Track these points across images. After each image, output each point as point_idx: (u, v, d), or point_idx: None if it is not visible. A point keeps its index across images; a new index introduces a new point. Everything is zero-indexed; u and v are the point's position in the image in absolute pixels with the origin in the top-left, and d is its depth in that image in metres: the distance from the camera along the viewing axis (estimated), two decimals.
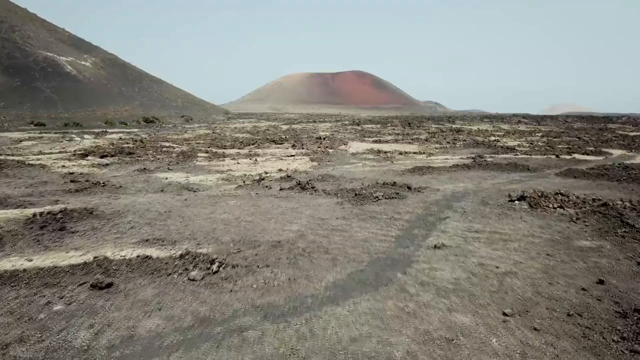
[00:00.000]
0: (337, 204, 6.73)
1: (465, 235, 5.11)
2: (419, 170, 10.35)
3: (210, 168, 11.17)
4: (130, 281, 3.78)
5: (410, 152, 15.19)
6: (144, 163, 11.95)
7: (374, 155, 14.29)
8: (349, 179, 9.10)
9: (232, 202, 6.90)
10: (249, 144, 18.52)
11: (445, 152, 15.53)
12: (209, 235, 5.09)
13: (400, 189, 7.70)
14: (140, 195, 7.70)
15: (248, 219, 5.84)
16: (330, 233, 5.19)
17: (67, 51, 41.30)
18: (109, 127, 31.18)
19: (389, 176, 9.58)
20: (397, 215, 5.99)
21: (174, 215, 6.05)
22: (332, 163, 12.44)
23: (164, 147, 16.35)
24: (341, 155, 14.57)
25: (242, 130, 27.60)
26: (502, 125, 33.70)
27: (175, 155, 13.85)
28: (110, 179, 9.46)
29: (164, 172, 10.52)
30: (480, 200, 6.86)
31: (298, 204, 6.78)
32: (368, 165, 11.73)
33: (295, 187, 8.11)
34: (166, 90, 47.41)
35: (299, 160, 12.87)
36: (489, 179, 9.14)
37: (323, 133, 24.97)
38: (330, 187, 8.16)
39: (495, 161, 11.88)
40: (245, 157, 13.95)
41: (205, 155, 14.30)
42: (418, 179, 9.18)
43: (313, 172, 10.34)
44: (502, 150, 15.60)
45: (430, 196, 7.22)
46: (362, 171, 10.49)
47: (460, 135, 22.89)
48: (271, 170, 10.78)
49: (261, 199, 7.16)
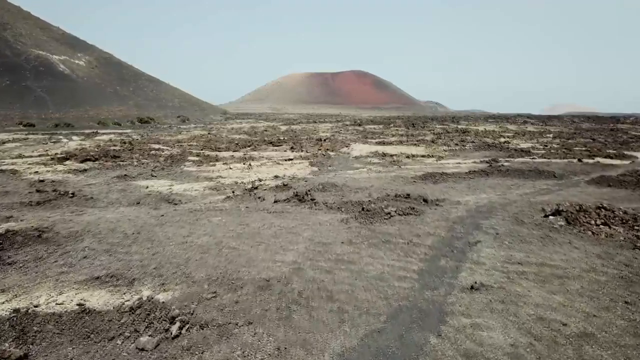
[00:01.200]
0: (341, 221, 5.61)
1: (506, 269, 4.00)
2: (431, 177, 9.24)
3: (198, 174, 10.06)
4: (53, 352, 2.67)
5: (417, 156, 14.07)
6: (127, 168, 10.84)
7: (379, 159, 13.17)
8: (354, 188, 7.98)
9: (216, 219, 5.78)
10: (244, 146, 17.42)
11: (455, 156, 14.41)
12: (179, 269, 3.98)
13: (415, 202, 6.58)
14: (110, 209, 6.59)
15: (232, 244, 4.72)
16: (334, 266, 4.08)
17: (61, 50, 40.16)
18: (102, 127, 30.09)
19: (398, 184, 8.46)
20: (415, 238, 4.87)
21: (142, 238, 4.94)
22: (334, 168, 11.33)
23: (153, 149, 15.24)
24: (343, 159, 13.46)
25: (239, 131, 26.50)
26: (509, 125, 32.58)
27: (162, 159, 12.74)
28: (84, 187, 8.35)
29: (146, 179, 9.42)
30: (513, 218, 5.74)
31: (295, 221, 5.67)
32: (373, 171, 10.62)
33: (292, 198, 7.00)
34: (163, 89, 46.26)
35: (297, 165, 11.76)
36: (514, 188, 8.02)
37: (323, 134, 23.87)
38: (333, 198, 7.05)
39: (514, 166, 10.76)
40: (240, 160, 12.84)
41: (196, 158, 13.19)
42: (432, 188, 8.07)
43: (313, 179, 9.23)
44: (516, 153, 14.48)
45: (452, 211, 6.10)
46: (367, 178, 9.38)
47: (468, 137, 21.77)
48: (266, 176, 9.66)
49: (251, 215, 6.05)
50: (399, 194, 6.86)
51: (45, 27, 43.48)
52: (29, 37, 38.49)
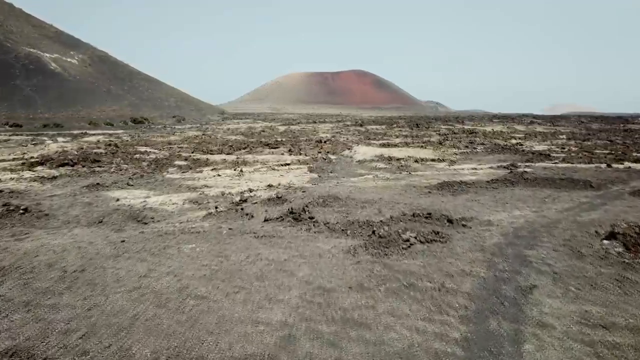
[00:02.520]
0: (347, 252, 4.39)
1: (589, 338, 2.78)
2: (448, 186, 8.01)
3: (181, 183, 8.83)
4: None
5: (427, 159, 12.84)
6: (102, 175, 9.61)
7: (385, 164, 11.94)
8: (360, 201, 6.76)
9: (188, 248, 4.56)
10: (239, 149, 16.20)
11: (468, 159, 13.18)
12: (116, 340, 2.75)
13: (438, 223, 5.35)
14: (62, 231, 5.36)
15: (201, 290, 3.50)
16: (340, 332, 2.85)
17: (53, 48, 38.91)
18: (92, 128, 28.88)
19: (412, 196, 7.23)
20: (448, 281, 3.65)
21: (83, 280, 3.72)
22: (336, 174, 10.11)
23: (139, 152, 14.02)
24: (346, 163, 12.23)
25: (235, 132, 25.27)
26: (516, 125, 31.35)
27: (146, 164, 11.52)
28: (43, 200, 7.13)
29: (121, 188, 8.19)
30: (566, 247, 4.51)
31: (288, 251, 4.44)
32: (380, 178, 9.39)
33: (287, 216, 5.77)
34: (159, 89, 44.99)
35: (295, 171, 10.53)
36: (549, 202, 6.79)
37: (324, 135, 22.64)
38: (336, 216, 5.83)
39: (539, 173, 9.54)
40: (231, 165, 11.61)
41: (183, 163, 11.96)
42: (453, 201, 6.84)
43: (312, 189, 8.00)
44: (534, 156, 13.25)
45: (485, 236, 4.88)
46: (374, 187, 8.15)
47: (476, 138, 20.54)
48: (258, 186, 8.44)
49: (234, 241, 4.83)
50: (417, 213, 5.62)
51: (37, 24, 42.23)
52: (20, 34, 37.26)
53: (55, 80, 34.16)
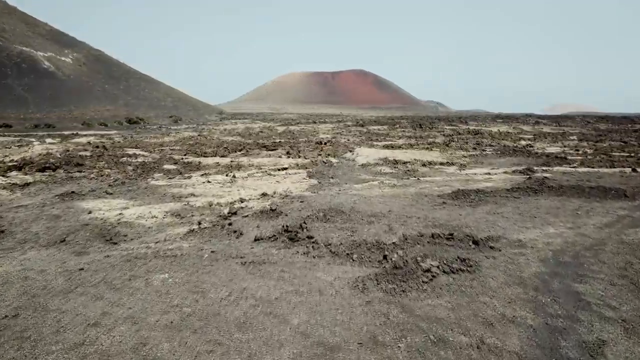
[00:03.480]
0: (354, 286, 3.53)
1: None
2: (464, 195, 7.15)
3: (166, 191, 7.97)
4: None
5: (435, 163, 11.99)
6: (80, 182, 8.76)
7: (390, 168, 11.09)
8: (366, 214, 5.90)
9: (158, 280, 3.71)
10: (234, 150, 15.35)
11: (478, 163, 12.33)
12: None
13: (462, 245, 4.49)
14: (14, 254, 4.50)
15: (162, 349, 2.64)
16: None
17: (46, 46, 38.02)
18: (85, 128, 28.03)
19: (424, 207, 6.38)
20: (488, 335, 2.79)
21: (14, 330, 2.86)
22: (337, 180, 9.25)
23: (127, 155, 13.16)
24: (348, 167, 11.37)
25: (232, 133, 24.41)
26: (522, 126, 30.49)
27: (132, 168, 10.66)
28: (7, 212, 6.28)
29: (97, 198, 7.33)
30: (624, 278, 3.66)
31: (280, 285, 3.59)
32: (387, 185, 8.54)
33: (282, 235, 4.92)
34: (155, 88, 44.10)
35: (292, 177, 9.67)
36: (583, 214, 5.93)
37: (324, 136, 21.79)
38: (339, 234, 4.97)
39: (561, 179, 8.68)
40: (224, 170, 10.75)
41: (173, 167, 11.10)
42: (472, 214, 5.98)
43: (311, 198, 7.15)
44: (549, 160, 12.40)
45: (520, 263, 4.02)
46: (381, 196, 7.29)
47: (484, 139, 19.69)
48: (251, 194, 7.57)
49: (215, 269, 3.97)
50: (436, 233, 4.74)
51: (32, 23, 41.35)
52: (13, 32, 36.38)
53: (48, 80, 33.28)
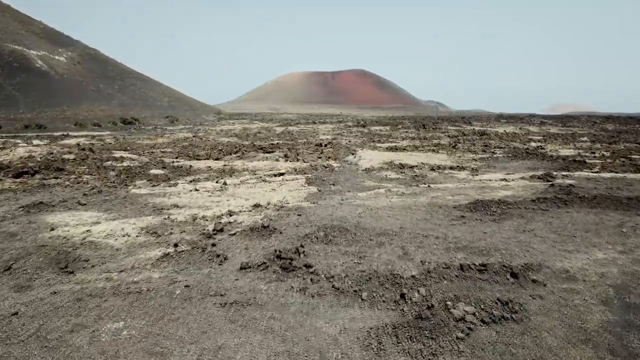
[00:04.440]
0: (366, 345, 2.65)
1: None
2: (484, 207, 6.26)
3: (147, 201, 7.07)
4: None
5: (444, 167, 11.11)
6: (53, 190, 7.86)
7: (397, 173, 10.20)
8: (375, 232, 5.01)
9: (109, 331, 2.82)
10: (229, 153, 14.47)
11: (490, 167, 11.45)
12: None
13: (497, 278, 3.60)
14: None
15: None
16: None
17: (40, 45, 37.10)
18: (78, 129, 27.14)
19: (441, 222, 5.49)
20: None
21: None
22: (339, 187, 8.37)
23: (114, 158, 12.27)
24: (350, 172, 10.48)
25: (228, 134, 23.52)
26: (528, 127, 29.61)
27: (114, 174, 9.77)
28: None
29: (68, 209, 6.44)
30: None
31: (269, 342, 2.70)
32: (394, 193, 7.65)
33: (273, 262, 4.04)
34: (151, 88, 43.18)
35: (290, 183, 8.78)
36: (629, 232, 5.04)
37: (324, 137, 20.90)
38: (343, 263, 4.08)
39: (587, 186, 7.80)
40: (215, 175, 9.87)
41: (160, 172, 10.22)
42: (498, 231, 5.08)
43: (309, 210, 6.26)
44: (568, 164, 11.52)
45: (579, 306, 3.14)
46: (389, 208, 6.40)
47: (491, 141, 18.80)
48: (242, 205, 6.68)
49: (186, 316, 3.09)
50: (466, 264, 3.84)
51: (25, 20, 40.43)
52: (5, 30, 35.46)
53: (40, 79, 32.37)
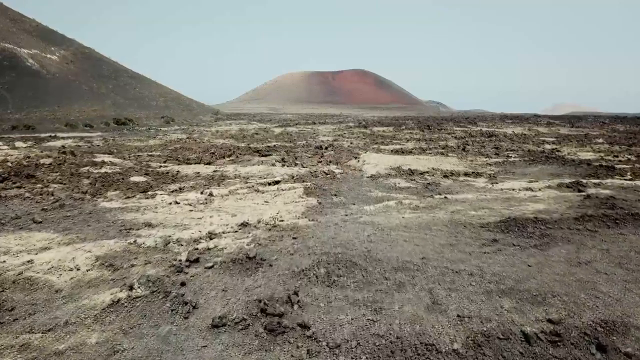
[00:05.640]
0: None
1: None
2: (518, 227, 5.16)
3: (116, 217, 5.97)
4: None
5: (458, 173, 10.01)
6: (9, 204, 6.75)
7: (406, 180, 9.10)
8: (390, 265, 3.92)
9: None
10: (222, 156, 13.38)
11: (509, 173, 10.35)
12: None
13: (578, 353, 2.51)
14: None
15: None
16: None
17: (31, 43, 36.01)
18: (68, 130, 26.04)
19: (471, 249, 4.39)
20: None
21: None
22: (343, 198, 7.27)
23: (93, 163, 11.17)
24: (354, 179, 9.38)
25: (224, 135, 22.42)
26: (536, 127, 28.51)
27: (88, 182, 8.67)
28: None
29: (17, 229, 5.34)
30: None
31: None
32: (407, 207, 6.54)
33: (256, 320, 2.94)
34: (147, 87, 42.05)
35: (286, 194, 7.68)
36: None
37: (324, 138, 19.80)
38: (352, 320, 2.98)
39: (631, 199, 6.70)
40: (203, 184, 8.78)
41: (141, 179, 9.13)
42: (548, 265, 3.98)
43: (308, 231, 5.16)
44: (593, 169, 10.43)
45: None
46: (404, 227, 5.30)
47: (502, 143, 17.69)
48: (227, 224, 5.58)
49: None
50: (532, 333, 2.72)
51: (16, 18, 39.31)
52: None
53: (31, 78, 31.27)
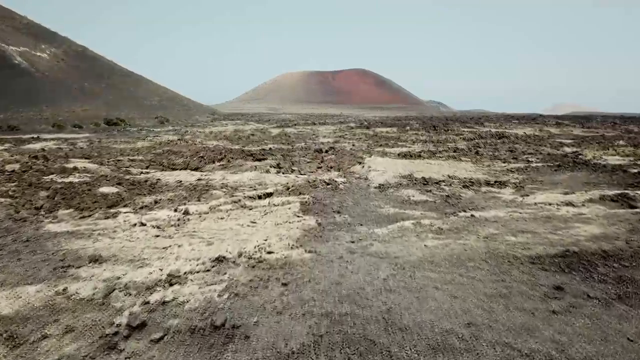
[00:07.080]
0: None
1: None
2: (585, 267, 3.86)
3: (57, 247, 4.65)
4: None
5: (479, 182, 8.69)
6: None
7: (421, 192, 7.78)
8: (425, 343, 2.62)
9: None
10: (212, 161, 12.06)
11: (536, 182, 9.03)
12: None
13: None
14: None
15: None
16: None
17: (21, 40, 34.73)
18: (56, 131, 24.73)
19: (534, 308, 3.09)
20: None
21: None
22: (348, 218, 5.95)
23: (62, 170, 9.86)
24: (360, 191, 8.06)
25: (218, 136, 21.11)
26: (548, 128, 27.19)
27: (45, 195, 7.36)
28: None
29: None
30: None
31: None
32: (429, 230, 5.22)
33: None
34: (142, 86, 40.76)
35: (278, 210, 6.36)
36: None
37: (325, 140, 18.46)
38: None
39: None
40: (182, 196, 7.47)
41: (112, 190, 7.82)
42: None
43: (304, 272, 3.85)
44: (634, 178, 9.12)
45: None
46: (429, 263, 4.00)
47: (516, 145, 16.36)
48: (197, 259, 4.26)
49: None
50: None
51: (5, 15, 38.04)
52: None
53: (19, 77, 30.00)
